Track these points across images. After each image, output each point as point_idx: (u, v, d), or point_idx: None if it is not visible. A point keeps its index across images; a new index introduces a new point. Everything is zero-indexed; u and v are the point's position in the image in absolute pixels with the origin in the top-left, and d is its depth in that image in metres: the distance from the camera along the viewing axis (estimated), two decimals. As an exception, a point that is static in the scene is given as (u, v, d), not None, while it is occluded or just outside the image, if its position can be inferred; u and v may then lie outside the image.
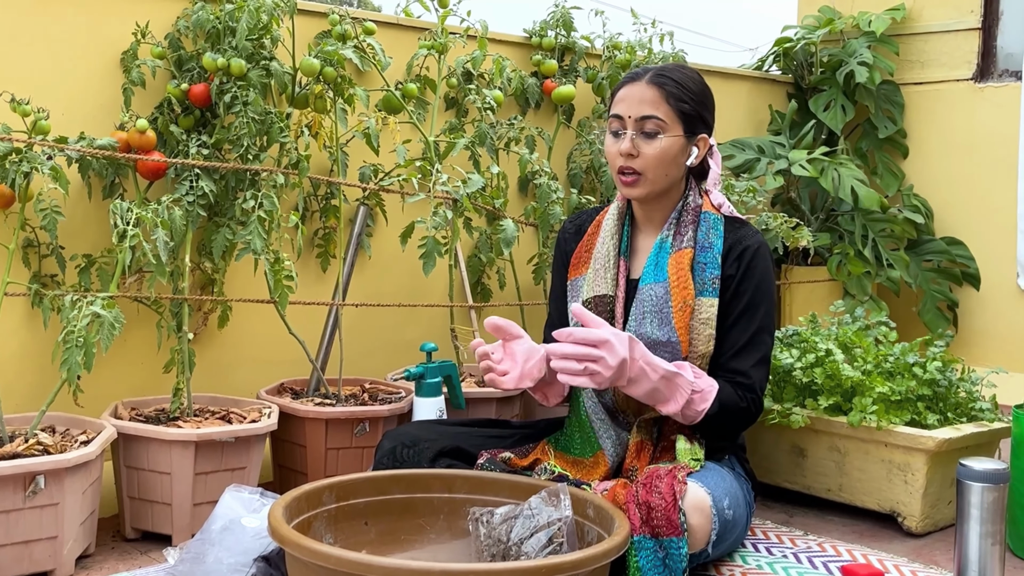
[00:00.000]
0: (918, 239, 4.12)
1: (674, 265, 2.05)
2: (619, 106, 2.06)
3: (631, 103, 2.04)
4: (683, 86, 2.05)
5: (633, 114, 2.03)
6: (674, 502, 1.73)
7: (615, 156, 2.07)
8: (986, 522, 1.86)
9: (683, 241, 2.07)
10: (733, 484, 1.96)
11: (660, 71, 2.06)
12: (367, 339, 2.93)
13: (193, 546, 1.81)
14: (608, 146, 2.09)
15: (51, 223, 2.15)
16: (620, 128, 2.06)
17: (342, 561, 1.48)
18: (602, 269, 2.12)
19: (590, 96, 3.48)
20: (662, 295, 2.02)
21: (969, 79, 4.21)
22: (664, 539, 1.71)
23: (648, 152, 2.03)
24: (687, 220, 2.10)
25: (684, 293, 2.01)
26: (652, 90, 2.03)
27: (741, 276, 2.05)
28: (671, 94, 2.03)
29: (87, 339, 1.99)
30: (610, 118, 2.08)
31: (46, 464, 1.90)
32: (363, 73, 2.89)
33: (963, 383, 2.50)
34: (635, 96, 2.04)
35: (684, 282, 2.02)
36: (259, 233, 2.27)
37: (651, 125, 2.03)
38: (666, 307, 2.01)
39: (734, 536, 1.95)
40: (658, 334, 2.01)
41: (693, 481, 1.82)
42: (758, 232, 2.12)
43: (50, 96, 2.32)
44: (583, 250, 2.20)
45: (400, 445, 2.02)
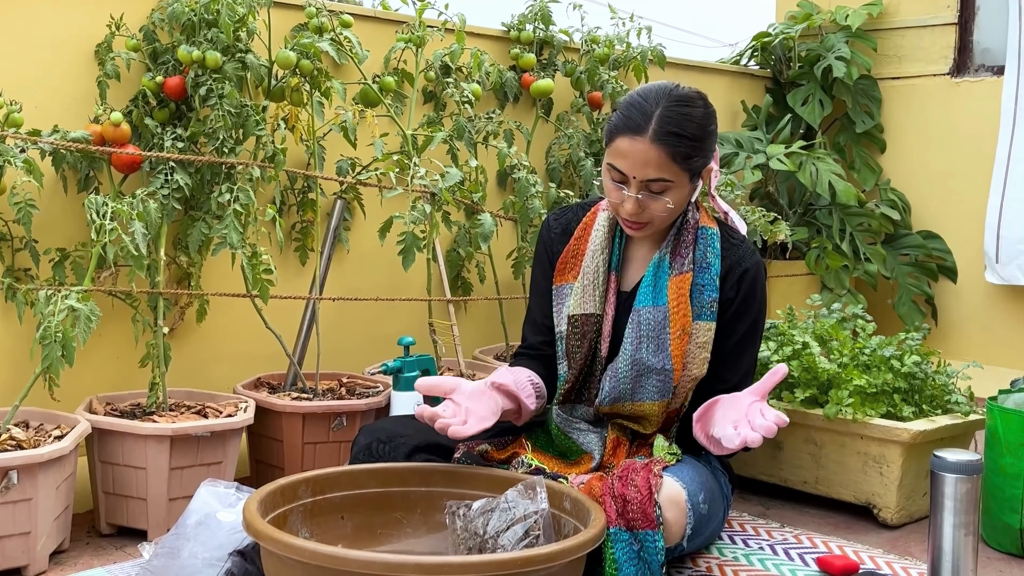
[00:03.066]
0: (895, 233, 4.14)
1: (674, 290, 1.98)
2: (620, 162, 1.89)
3: (635, 164, 1.87)
4: (689, 138, 1.88)
5: (638, 175, 1.88)
6: (649, 495, 1.73)
7: (617, 204, 1.94)
8: (960, 513, 1.87)
9: (683, 264, 1.99)
10: (709, 478, 1.96)
11: (664, 124, 1.86)
12: (345, 333, 2.92)
13: (168, 541, 1.80)
14: (609, 192, 1.94)
15: (25, 217, 2.13)
16: (622, 181, 1.91)
17: (317, 555, 1.47)
18: (591, 286, 2.03)
19: (569, 90, 3.48)
20: (660, 320, 1.97)
21: (946, 74, 4.23)
22: (639, 532, 1.71)
23: (656, 211, 1.92)
24: (686, 239, 2.01)
25: (683, 321, 1.96)
26: (657, 151, 1.86)
27: (741, 300, 1.99)
28: (678, 153, 1.87)
29: (66, 333, 1.98)
30: (609, 165, 1.92)
31: (19, 459, 1.88)
32: (340, 66, 2.88)
33: (939, 376, 2.52)
34: (639, 157, 1.87)
35: (684, 309, 1.96)
36: (235, 227, 2.26)
37: (657, 187, 1.89)
38: (664, 333, 1.96)
39: (710, 530, 1.95)
40: (653, 360, 1.96)
41: (669, 475, 1.82)
42: (755, 251, 2.06)
43: (23, 89, 2.30)
44: (570, 255, 2.09)
45: (376, 441, 2.01)
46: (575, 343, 2.03)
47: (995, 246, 3.94)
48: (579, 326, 2.03)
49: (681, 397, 2.00)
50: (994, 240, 3.94)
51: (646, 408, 1.98)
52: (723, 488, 2.04)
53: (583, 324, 2.03)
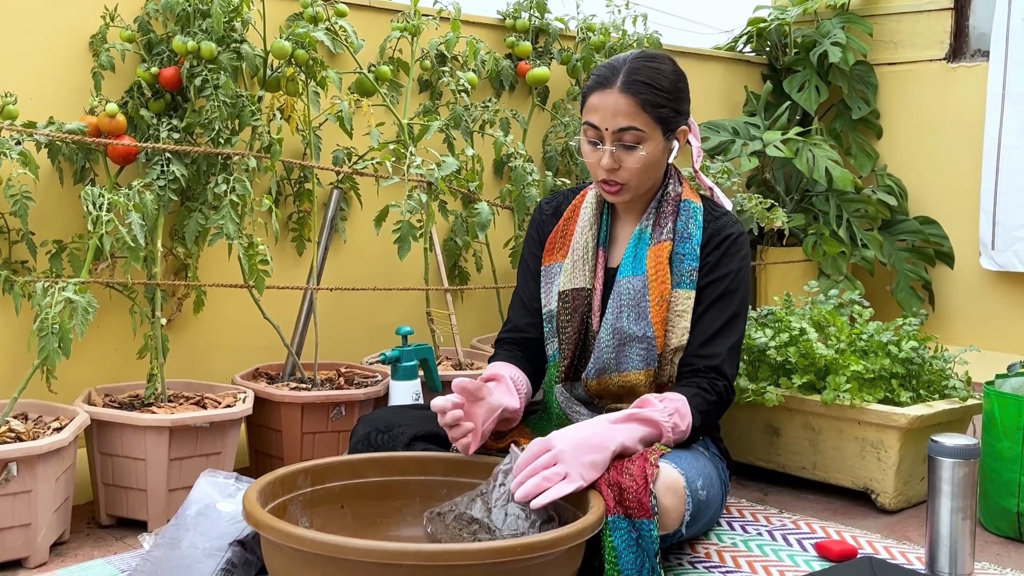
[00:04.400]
0: (892, 219, 4.15)
1: (652, 258, 2.03)
2: (593, 115, 1.99)
3: (605, 114, 1.96)
4: (658, 88, 1.97)
5: (610, 126, 1.96)
6: (645, 484, 1.73)
7: (595, 167, 2.02)
8: (957, 497, 1.88)
9: (662, 233, 2.05)
10: (707, 465, 1.96)
11: (631, 74, 1.96)
12: (342, 323, 2.92)
13: (168, 531, 1.80)
14: (587, 154, 2.03)
15: (21, 209, 2.13)
16: (597, 139, 2.00)
17: (317, 543, 1.48)
18: (580, 261, 2.09)
19: (565, 78, 3.47)
20: (640, 288, 2.01)
21: (942, 59, 4.23)
22: (636, 520, 1.72)
23: (630, 164, 1.98)
24: (667, 210, 2.07)
25: (662, 287, 2.01)
26: (626, 99, 1.95)
27: (717, 262, 2.04)
28: (647, 101, 1.96)
29: (63, 325, 1.98)
30: (584, 125, 2.01)
31: (18, 451, 1.88)
32: (335, 55, 2.87)
33: (936, 361, 2.52)
34: (609, 106, 1.96)
35: (662, 276, 2.01)
36: (231, 217, 2.26)
37: (630, 137, 1.96)
38: (643, 301, 2.00)
39: (708, 516, 1.96)
40: (634, 328, 2.00)
41: (666, 462, 1.82)
42: (738, 222, 2.10)
43: (18, 80, 2.29)
44: (559, 235, 2.16)
45: (374, 431, 2.01)
46: (566, 318, 2.08)
47: (991, 233, 3.94)
48: (569, 301, 2.08)
49: (668, 369, 2.02)
50: (990, 227, 3.94)
51: (632, 378, 2.00)
52: (721, 474, 2.05)
53: (573, 299, 2.08)
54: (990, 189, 3.95)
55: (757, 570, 1.94)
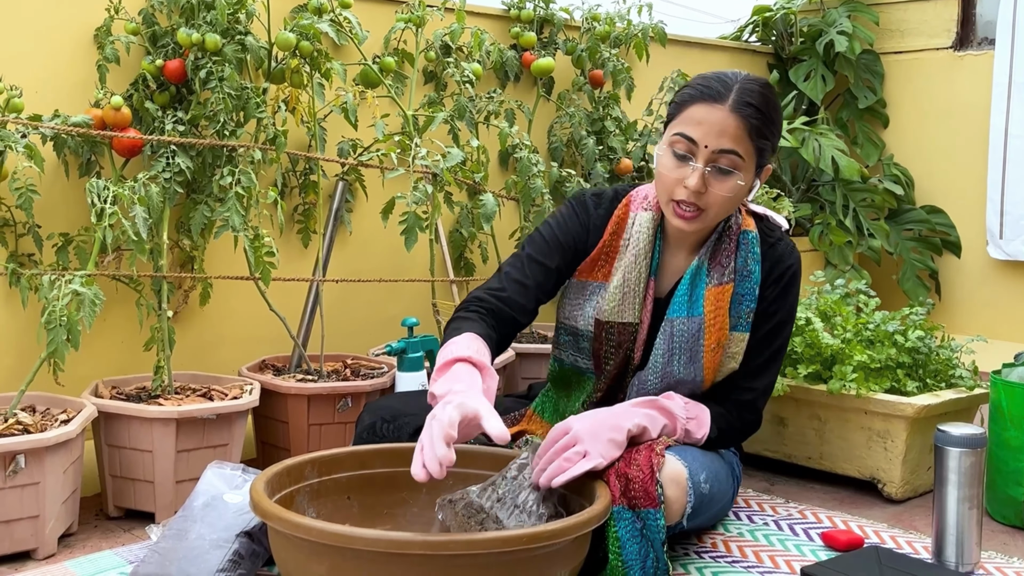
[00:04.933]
0: (899, 208, 4.14)
1: (712, 301, 1.91)
2: (693, 128, 1.81)
3: (710, 131, 1.80)
4: (767, 117, 1.83)
5: (711, 145, 1.79)
6: (651, 474, 1.73)
7: (675, 184, 1.83)
8: (964, 487, 1.88)
9: (724, 274, 1.92)
10: (714, 460, 1.94)
11: (744, 95, 1.81)
12: (349, 315, 2.92)
13: (176, 523, 1.81)
14: (668, 168, 1.84)
15: (27, 202, 2.13)
16: (689, 153, 1.82)
17: (324, 533, 1.48)
18: (631, 293, 1.94)
19: (570, 68, 3.47)
20: (695, 332, 1.91)
21: (949, 47, 4.21)
22: (641, 510, 1.72)
23: (719, 191, 1.82)
24: (728, 247, 1.93)
25: (720, 333, 1.91)
26: (735, 120, 1.80)
27: (774, 299, 1.95)
28: (754, 128, 1.81)
29: (71, 317, 1.98)
30: (676, 136, 1.83)
31: (26, 443, 1.89)
32: (340, 47, 2.87)
33: (943, 350, 2.52)
34: (715, 123, 1.79)
35: (721, 321, 1.91)
36: (237, 210, 2.26)
37: (726, 161, 1.81)
38: (698, 345, 1.91)
39: (714, 510, 1.93)
40: (683, 373, 1.93)
41: (671, 454, 1.82)
42: (794, 247, 1.99)
43: (23, 74, 2.29)
44: (603, 252, 1.97)
45: (380, 420, 2.01)
46: (609, 351, 1.98)
47: (999, 222, 3.93)
48: (615, 335, 1.96)
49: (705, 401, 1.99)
50: (997, 216, 3.93)
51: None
52: (734, 469, 2.04)
53: (619, 333, 1.96)
54: (997, 178, 3.94)
55: (764, 560, 1.94)
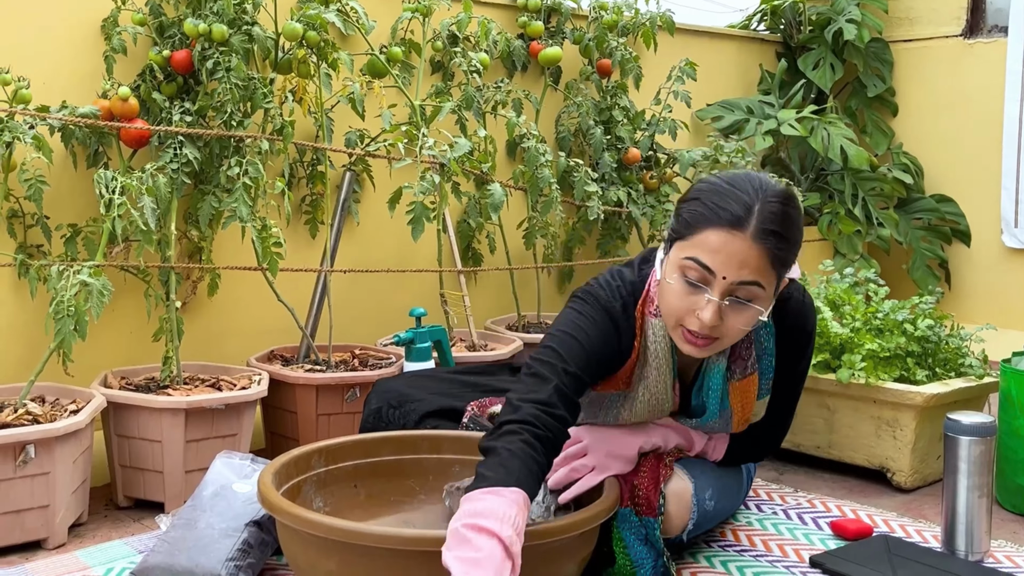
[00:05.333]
0: (908, 197, 4.12)
1: (739, 393, 1.81)
2: (710, 257, 1.59)
3: (729, 262, 1.58)
4: (790, 241, 1.62)
5: (731, 277, 1.58)
6: (656, 484, 1.73)
7: (686, 313, 1.63)
8: (974, 475, 1.88)
9: (747, 367, 1.80)
10: (724, 475, 1.91)
11: (768, 221, 1.58)
12: (356, 306, 2.92)
13: (185, 512, 1.81)
14: (679, 295, 1.63)
15: (36, 193, 2.13)
16: (702, 282, 1.61)
17: (334, 529, 1.48)
18: (660, 403, 1.81)
19: (577, 58, 3.46)
20: (725, 423, 1.85)
21: (958, 35, 4.19)
22: (644, 518, 1.72)
23: (736, 323, 1.63)
24: (744, 341, 1.78)
25: (746, 413, 1.85)
26: (757, 250, 1.58)
27: (791, 357, 1.85)
28: (777, 257, 1.60)
29: (78, 307, 1.99)
30: (688, 260, 1.61)
31: (36, 433, 1.90)
32: (347, 37, 2.87)
33: (952, 339, 2.51)
34: (736, 254, 1.57)
35: (748, 405, 1.84)
36: (244, 200, 2.26)
37: (746, 293, 1.60)
38: (727, 427, 1.87)
39: (717, 522, 1.93)
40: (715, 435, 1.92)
41: (679, 468, 1.81)
42: (803, 298, 1.84)
43: (31, 65, 2.30)
44: (625, 373, 1.79)
45: (386, 405, 2.01)
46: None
47: (1013, 210, 3.91)
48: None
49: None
50: (1012, 204, 3.91)
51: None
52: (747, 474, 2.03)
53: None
54: (1012, 167, 3.92)
55: (772, 549, 1.94)
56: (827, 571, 1.82)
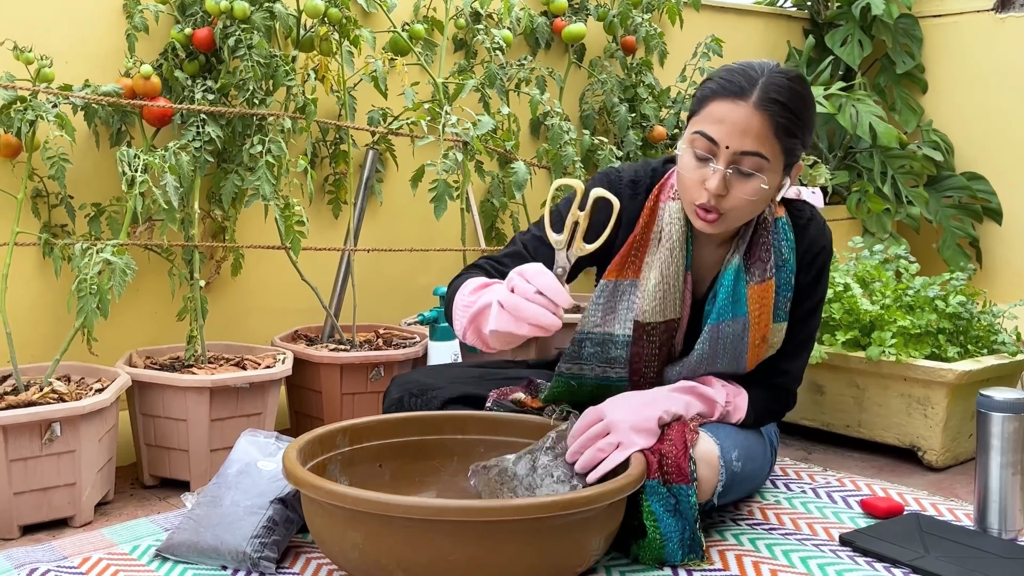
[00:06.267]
0: (938, 175, 4.06)
1: (756, 299, 1.82)
2: (714, 128, 1.68)
3: (732, 131, 1.67)
4: (795, 113, 1.69)
5: (732, 146, 1.67)
6: (684, 450, 1.70)
7: (695, 186, 1.71)
8: (1007, 452, 1.84)
9: (766, 270, 1.82)
10: (749, 436, 1.90)
11: (770, 90, 1.67)
12: (380, 285, 2.91)
13: (210, 490, 1.81)
14: (688, 169, 1.72)
15: (59, 172, 2.13)
16: (708, 153, 1.69)
17: (360, 500, 1.47)
18: (671, 290, 1.83)
19: (601, 35, 3.42)
20: (740, 332, 1.83)
21: (990, 10, 4.11)
22: (673, 486, 1.70)
23: (741, 195, 1.70)
24: (765, 241, 1.83)
25: (764, 329, 1.84)
26: (760, 118, 1.67)
27: (808, 286, 1.88)
28: (780, 126, 1.68)
29: (100, 286, 1.99)
30: (696, 134, 1.70)
31: (61, 411, 1.90)
32: (369, 14, 2.85)
33: (984, 316, 2.47)
34: (738, 122, 1.67)
35: (765, 318, 1.83)
36: (268, 179, 2.25)
37: (750, 163, 1.68)
38: (742, 344, 1.84)
39: (746, 487, 1.91)
40: (726, 367, 1.87)
41: (704, 432, 1.79)
42: (823, 223, 1.91)
43: (53, 44, 2.29)
44: (633, 247, 1.84)
45: (407, 395, 1.99)
46: (651, 352, 1.86)
47: None
48: (656, 335, 1.84)
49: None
50: None
51: None
52: (771, 442, 2.01)
53: (662, 332, 1.85)
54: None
55: (801, 527, 1.92)
56: (858, 549, 1.79)
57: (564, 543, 1.52)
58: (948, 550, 1.76)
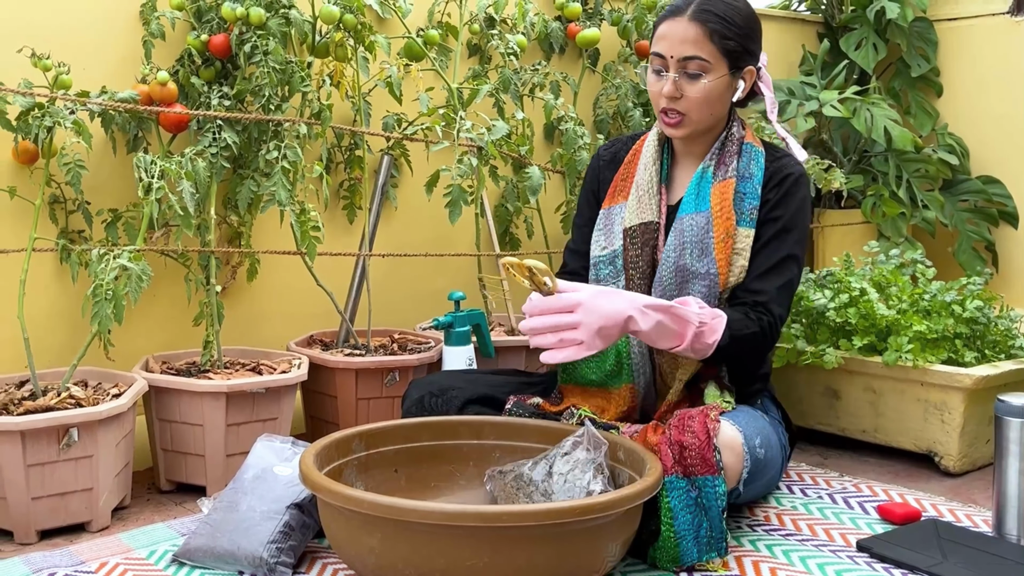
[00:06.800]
0: (953, 179, 4.04)
1: (717, 195, 2.00)
2: (660, 44, 1.98)
3: (672, 42, 1.96)
4: (728, 20, 1.96)
5: (675, 54, 1.95)
6: (708, 440, 1.71)
7: (657, 96, 2.01)
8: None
9: (727, 171, 2.02)
10: (766, 425, 1.93)
11: (703, 4, 1.96)
12: (395, 290, 2.92)
13: (226, 495, 1.81)
14: (650, 84, 2.02)
15: (76, 178, 2.14)
16: (662, 67, 1.99)
17: (376, 506, 1.48)
18: (645, 196, 2.06)
19: (615, 39, 3.42)
20: (703, 225, 1.98)
21: (1005, 13, 4.08)
22: (698, 478, 1.70)
23: (692, 94, 1.97)
24: (731, 151, 2.05)
25: (727, 224, 1.97)
26: (695, 28, 1.95)
27: (777, 201, 2.01)
28: (715, 31, 1.95)
29: (116, 292, 1.99)
30: (652, 55, 2.01)
31: (79, 417, 1.91)
32: (384, 20, 2.85)
33: (1002, 320, 2.46)
34: (677, 34, 1.96)
35: (727, 212, 1.98)
36: (283, 184, 2.26)
37: (694, 66, 1.95)
38: (707, 237, 1.97)
39: (766, 478, 1.92)
40: (698, 265, 1.97)
41: (724, 420, 1.80)
42: (800, 163, 2.08)
43: (70, 50, 2.30)
44: (620, 179, 2.14)
45: (428, 394, 2.01)
46: (635, 253, 2.04)
47: None
48: (638, 236, 2.04)
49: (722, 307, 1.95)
50: None
51: None
52: (780, 438, 2.02)
53: (642, 233, 2.04)
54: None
55: (818, 533, 1.91)
56: (875, 555, 1.79)
57: (580, 549, 1.52)
58: (966, 556, 1.75)
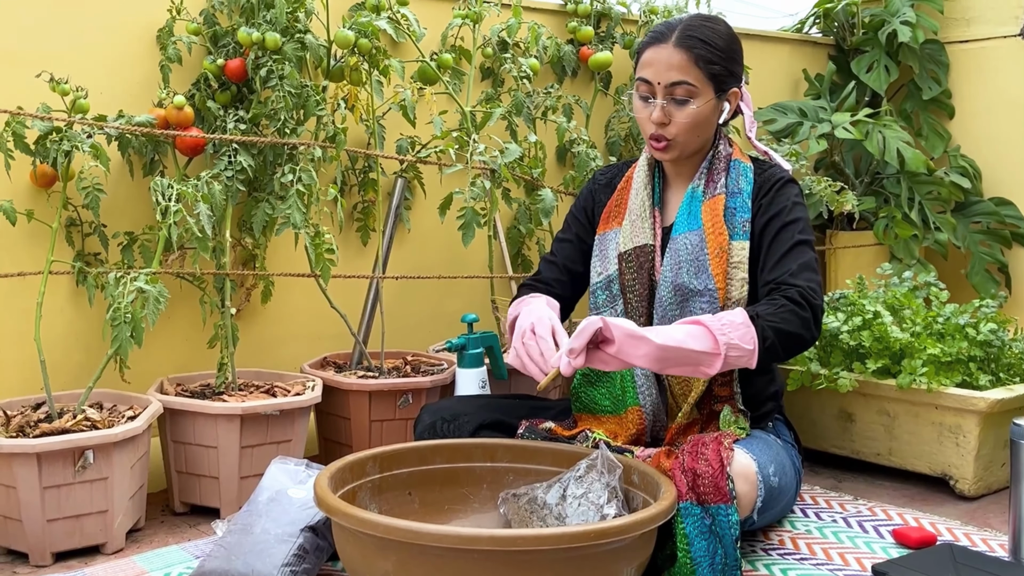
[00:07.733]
0: (966, 201, 4.03)
1: (708, 212, 2.02)
2: (646, 70, 2.00)
3: (659, 69, 1.98)
4: (711, 45, 1.98)
5: (662, 80, 1.97)
6: (721, 469, 1.70)
7: (645, 122, 2.03)
8: (1042, 482, 1.83)
9: (716, 188, 2.04)
10: (780, 452, 1.93)
11: (686, 31, 1.98)
12: (408, 312, 2.92)
13: (240, 518, 1.82)
14: (638, 110, 2.04)
15: (93, 201, 2.16)
16: (649, 93, 2.00)
17: (391, 529, 1.48)
18: (639, 220, 2.08)
19: (627, 63, 3.44)
20: (697, 243, 2.00)
21: (1017, 35, 4.10)
22: (711, 506, 1.69)
23: (680, 119, 1.98)
24: (718, 168, 2.06)
25: (719, 239, 1.98)
26: (680, 54, 1.96)
27: (770, 203, 2.01)
28: (700, 57, 1.96)
29: (134, 314, 2.01)
30: (637, 81, 2.02)
31: (94, 439, 1.92)
32: (398, 44, 2.87)
33: (1016, 343, 2.45)
34: (663, 60, 1.97)
35: (719, 228, 2.00)
36: (298, 207, 2.27)
37: (681, 91, 1.97)
38: (702, 255, 1.99)
39: (781, 505, 1.92)
40: (695, 283, 1.97)
41: (739, 448, 1.80)
42: (786, 171, 2.09)
43: (88, 75, 2.33)
44: (614, 204, 2.16)
45: (440, 420, 2.01)
46: (631, 277, 2.06)
47: None
48: (633, 259, 2.06)
49: None
50: None
51: None
52: (794, 462, 2.01)
53: (637, 256, 2.06)
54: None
55: (832, 557, 1.90)
56: (891, 580, 1.78)
57: (595, 573, 1.51)
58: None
